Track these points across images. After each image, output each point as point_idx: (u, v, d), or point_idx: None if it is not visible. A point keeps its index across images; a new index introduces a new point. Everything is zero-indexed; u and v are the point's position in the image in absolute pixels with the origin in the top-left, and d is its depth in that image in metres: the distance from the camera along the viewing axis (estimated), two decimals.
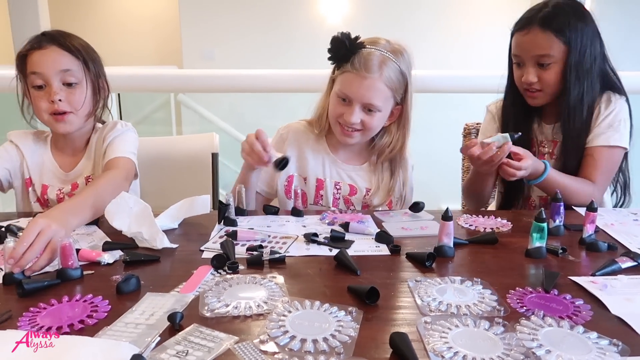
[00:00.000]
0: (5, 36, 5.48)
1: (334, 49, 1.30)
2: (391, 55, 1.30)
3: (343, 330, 0.70)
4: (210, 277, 0.88)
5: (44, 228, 0.89)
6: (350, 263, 0.91)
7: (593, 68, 1.31)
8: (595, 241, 1.02)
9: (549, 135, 1.42)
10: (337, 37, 1.29)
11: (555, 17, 1.27)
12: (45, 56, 1.26)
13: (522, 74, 1.34)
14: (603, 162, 1.32)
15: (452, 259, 0.98)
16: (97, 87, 1.35)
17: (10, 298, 0.81)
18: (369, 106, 1.29)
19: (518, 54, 1.34)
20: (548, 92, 1.34)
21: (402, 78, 1.32)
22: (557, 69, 1.30)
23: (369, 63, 1.26)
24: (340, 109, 1.32)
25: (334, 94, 1.33)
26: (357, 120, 1.30)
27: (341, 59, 1.29)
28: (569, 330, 0.70)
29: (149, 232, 1.01)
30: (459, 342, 0.67)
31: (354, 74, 1.27)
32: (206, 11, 5.13)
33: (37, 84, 1.26)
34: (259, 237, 1.06)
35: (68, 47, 1.28)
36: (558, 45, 1.28)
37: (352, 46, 1.28)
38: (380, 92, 1.28)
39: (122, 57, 6.04)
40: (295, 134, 1.44)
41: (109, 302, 0.78)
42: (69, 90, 1.28)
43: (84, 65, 1.30)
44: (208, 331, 0.70)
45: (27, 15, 4.99)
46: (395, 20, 5.04)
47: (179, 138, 2.01)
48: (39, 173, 1.37)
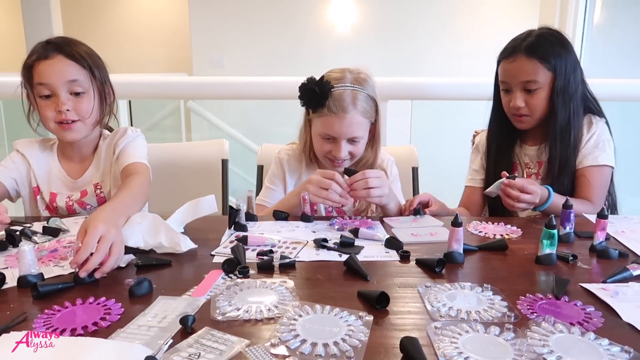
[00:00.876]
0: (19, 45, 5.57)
1: (306, 97, 1.34)
2: (358, 87, 1.35)
3: (353, 334, 0.70)
4: (221, 281, 0.89)
5: (104, 233, 0.91)
6: (360, 268, 0.92)
7: (577, 92, 1.38)
8: (606, 248, 1.02)
9: (534, 156, 1.48)
10: (305, 84, 1.34)
11: (540, 45, 1.34)
12: (52, 67, 1.26)
13: (510, 100, 1.40)
14: (596, 181, 1.38)
15: (462, 265, 0.98)
16: (104, 93, 1.35)
17: (26, 300, 0.82)
18: (353, 139, 1.36)
19: (506, 81, 1.40)
20: (535, 117, 1.40)
21: (372, 102, 1.38)
22: (544, 94, 1.36)
23: (343, 103, 1.31)
24: (326, 147, 1.38)
25: (317, 135, 1.38)
26: (345, 154, 1.37)
27: (316, 105, 1.34)
28: (580, 337, 0.70)
29: (168, 238, 1.01)
30: (469, 347, 0.68)
31: (332, 116, 1.32)
32: (216, 20, 5.19)
33: (44, 94, 1.27)
34: (269, 242, 1.07)
35: (74, 56, 1.28)
36: (543, 71, 1.34)
37: (323, 91, 1.32)
38: (360, 124, 1.35)
39: (134, 65, 6.12)
40: (291, 158, 1.51)
41: (121, 305, 0.79)
42: (76, 99, 1.29)
43: (90, 73, 1.30)
44: (220, 334, 0.70)
45: (40, 26, 5.08)
46: (404, 28, 5.07)
47: (189, 144, 2.03)
48: (46, 181, 1.38)
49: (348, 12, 5.15)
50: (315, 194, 1.21)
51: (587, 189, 1.37)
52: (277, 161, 1.51)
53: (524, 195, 1.21)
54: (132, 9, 6.56)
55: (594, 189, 1.37)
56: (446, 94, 2.17)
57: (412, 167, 1.74)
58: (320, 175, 1.23)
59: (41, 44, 1.29)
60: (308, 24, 5.19)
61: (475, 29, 4.99)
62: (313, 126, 1.40)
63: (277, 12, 5.13)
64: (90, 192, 1.37)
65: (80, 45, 1.33)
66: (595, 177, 1.38)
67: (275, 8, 5.11)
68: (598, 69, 3.52)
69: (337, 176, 1.22)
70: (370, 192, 1.20)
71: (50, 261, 0.97)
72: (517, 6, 4.90)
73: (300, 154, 1.50)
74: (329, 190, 1.20)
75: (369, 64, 1.44)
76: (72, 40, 1.33)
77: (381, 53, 5.00)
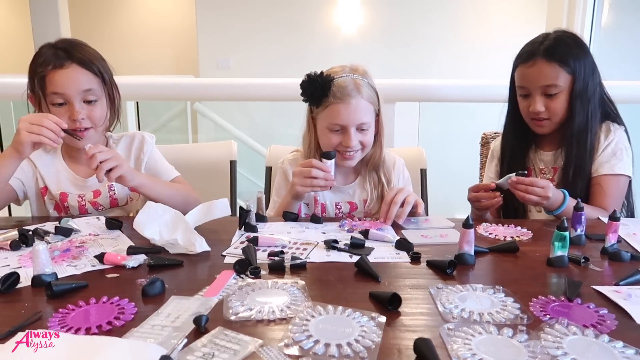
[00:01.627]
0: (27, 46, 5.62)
1: (309, 91, 1.34)
2: (359, 76, 1.36)
3: (366, 335, 0.71)
4: (233, 281, 0.89)
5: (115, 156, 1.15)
6: (371, 269, 0.92)
7: (595, 96, 1.36)
8: (618, 251, 1.01)
9: (549, 162, 1.46)
10: (307, 80, 1.34)
11: (559, 48, 1.33)
12: (67, 77, 1.26)
13: (528, 105, 1.38)
14: (611, 190, 1.36)
15: (473, 267, 0.98)
16: (112, 98, 1.36)
17: (40, 300, 0.83)
18: (361, 126, 1.35)
19: (524, 85, 1.38)
20: (555, 121, 1.38)
21: (375, 92, 1.38)
22: (563, 97, 1.35)
23: (347, 89, 1.32)
24: (336, 139, 1.36)
25: (324, 129, 1.37)
26: (356, 143, 1.35)
27: (319, 97, 1.34)
28: (594, 339, 0.70)
29: (184, 237, 1.02)
30: (482, 348, 0.68)
31: (338, 104, 1.32)
32: (222, 22, 5.21)
33: (58, 102, 1.27)
34: (279, 243, 1.07)
35: (89, 65, 1.28)
36: (563, 75, 1.33)
37: (325, 82, 1.32)
38: (366, 109, 1.35)
39: (140, 67, 6.15)
40: (294, 166, 1.47)
41: (135, 304, 0.80)
42: (89, 107, 1.29)
43: (102, 80, 1.31)
44: (233, 334, 0.71)
45: (49, 27, 5.12)
46: (410, 30, 5.06)
47: (197, 146, 2.04)
48: (54, 181, 1.37)
49: (354, 14, 5.16)
50: (302, 185, 1.26)
51: (602, 197, 1.35)
52: (282, 172, 1.50)
53: (533, 188, 1.21)
54: (139, 11, 6.59)
55: (609, 198, 1.34)
56: (454, 96, 2.17)
57: (421, 169, 1.74)
58: (299, 167, 1.28)
59: (51, 50, 1.28)
60: (314, 26, 5.20)
61: (483, 31, 4.98)
62: (318, 122, 1.39)
63: (283, 14, 5.14)
64: (104, 193, 1.38)
65: (89, 49, 1.33)
66: (610, 186, 1.35)
67: (282, 10, 5.13)
68: (605, 71, 3.50)
69: (314, 161, 1.27)
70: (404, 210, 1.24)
71: (63, 261, 0.98)
72: (524, 8, 4.89)
73: (303, 160, 1.49)
74: (312, 177, 1.25)
75: (375, 66, 1.44)
76: (80, 44, 1.33)
77: (388, 55, 5.00)
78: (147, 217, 1.05)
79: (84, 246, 1.06)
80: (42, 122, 1.13)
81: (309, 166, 1.26)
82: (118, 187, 1.40)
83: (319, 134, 1.40)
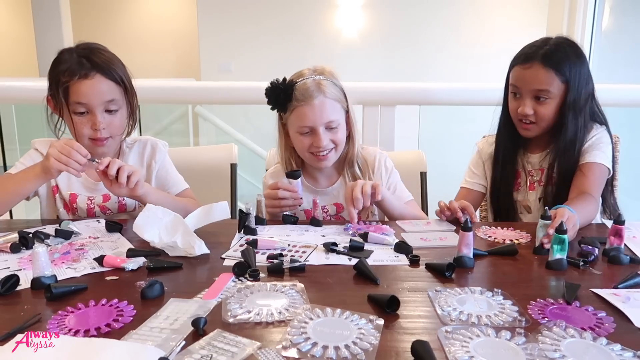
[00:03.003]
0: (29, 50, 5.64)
1: (273, 97, 1.36)
2: (320, 76, 1.36)
3: (364, 337, 0.71)
4: (232, 284, 0.89)
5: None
6: (370, 272, 0.92)
7: (586, 106, 1.38)
8: (617, 254, 1.01)
9: (536, 164, 1.47)
10: (270, 87, 1.35)
11: (557, 55, 1.33)
12: (91, 87, 1.26)
13: (518, 105, 1.39)
14: (592, 175, 1.36)
15: (472, 269, 0.98)
16: (132, 105, 1.37)
17: (39, 302, 0.83)
18: (330, 124, 1.35)
19: (517, 85, 1.39)
20: (541, 126, 1.39)
21: (339, 89, 1.39)
22: (553, 104, 1.36)
23: (309, 91, 1.33)
24: (307, 141, 1.37)
25: (295, 133, 1.38)
26: (327, 142, 1.36)
27: (283, 102, 1.35)
28: (592, 342, 0.70)
29: (184, 240, 1.02)
30: (480, 351, 0.68)
31: (302, 106, 1.33)
32: (224, 26, 5.22)
33: (80, 111, 1.28)
34: (279, 245, 1.08)
35: (112, 75, 1.29)
36: (557, 82, 1.33)
37: (287, 87, 1.33)
38: (332, 107, 1.35)
39: (142, 71, 6.13)
40: (277, 177, 1.49)
41: (133, 307, 0.80)
42: (110, 117, 1.30)
43: (124, 89, 1.32)
44: (231, 336, 0.71)
45: (51, 31, 5.15)
46: (411, 34, 5.08)
47: (198, 149, 2.04)
48: (66, 181, 1.38)
49: (355, 18, 5.17)
50: (272, 207, 1.30)
51: (584, 181, 1.34)
52: (265, 186, 1.49)
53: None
54: (141, 15, 6.63)
55: (591, 182, 1.34)
56: (454, 99, 2.18)
57: (421, 172, 1.74)
58: (269, 188, 1.32)
59: (74, 58, 1.27)
60: (315, 30, 5.21)
61: (483, 35, 4.99)
62: (289, 128, 1.39)
63: (284, 18, 5.16)
64: (113, 198, 1.39)
65: (108, 55, 1.32)
66: (591, 171, 1.35)
67: (283, 14, 5.14)
68: (606, 74, 3.51)
69: (280, 183, 1.30)
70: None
71: (62, 263, 0.98)
72: (525, 12, 4.90)
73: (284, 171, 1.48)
74: (280, 199, 1.28)
75: (375, 69, 1.45)
76: (100, 49, 1.32)
77: (388, 59, 5.01)
78: (146, 220, 1.05)
79: (83, 249, 1.06)
80: (71, 154, 1.15)
81: (275, 189, 1.30)
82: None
83: (292, 139, 1.41)
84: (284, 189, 1.29)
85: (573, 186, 1.37)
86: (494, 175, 1.51)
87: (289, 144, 1.43)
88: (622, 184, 1.69)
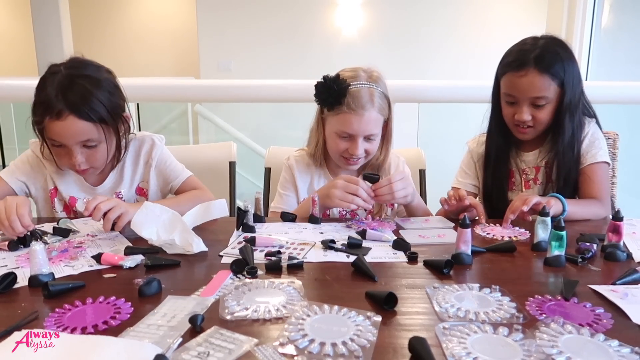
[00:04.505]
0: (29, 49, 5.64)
1: (323, 95, 1.34)
2: (374, 84, 1.36)
3: (362, 334, 0.71)
4: (230, 281, 0.89)
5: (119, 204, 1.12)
6: (368, 269, 0.92)
7: (580, 102, 1.38)
8: (614, 251, 1.01)
9: (531, 162, 1.47)
10: (322, 83, 1.33)
11: (550, 58, 1.31)
12: (64, 129, 1.19)
13: (514, 112, 1.38)
14: (599, 178, 1.38)
15: (470, 266, 0.98)
16: (118, 132, 1.30)
17: (37, 299, 0.83)
18: (369, 136, 1.37)
19: (512, 94, 1.37)
20: (539, 129, 1.39)
21: (386, 100, 1.39)
22: (550, 108, 1.35)
23: (361, 101, 1.32)
24: (343, 145, 1.37)
25: (332, 133, 1.38)
26: (362, 152, 1.37)
27: (333, 103, 1.34)
28: (589, 338, 0.70)
29: (182, 237, 1.02)
30: (477, 347, 0.68)
31: (351, 114, 1.32)
32: (223, 24, 5.22)
33: (57, 144, 1.23)
34: (277, 243, 1.07)
35: (88, 115, 1.20)
36: (554, 86, 1.32)
37: (340, 88, 1.32)
38: (377, 121, 1.36)
39: (142, 69, 6.16)
40: (300, 163, 1.50)
41: (131, 304, 0.80)
42: (89, 151, 1.25)
43: (103, 126, 1.24)
44: (229, 333, 0.71)
45: (50, 29, 5.14)
46: (411, 32, 5.07)
47: (197, 147, 2.04)
48: (64, 184, 1.37)
49: (355, 16, 5.17)
50: (342, 199, 1.23)
51: (592, 187, 1.36)
52: (287, 167, 1.51)
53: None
54: (140, 14, 6.61)
55: (599, 187, 1.36)
56: (453, 96, 2.17)
57: (420, 169, 1.74)
58: (345, 180, 1.24)
59: (53, 90, 1.18)
60: (315, 28, 5.21)
61: (483, 32, 4.99)
62: (328, 125, 1.40)
63: (284, 16, 5.15)
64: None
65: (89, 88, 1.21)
66: (597, 174, 1.37)
67: (282, 12, 5.14)
68: (605, 71, 3.50)
69: (362, 182, 1.24)
70: (395, 194, 1.23)
71: (60, 261, 0.98)
72: (524, 9, 4.89)
73: (309, 158, 1.50)
74: (355, 195, 1.22)
75: (376, 67, 1.44)
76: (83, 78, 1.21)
77: (388, 56, 5.01)
78: (144, 217, 1.05)
79: (81, 247, 1.06)
80: (10, 221, 1.05)
81: (355, 184, 1.23)
82: (126, 194, 1.40)
83: (327, 135, 1.41)
84: (364, 189, 1.23)
85: (582, 193, 1.39)
86: (486, 177, 1.50)
87: (323, 136, 1.43)
88: (622, 182, 1.69)
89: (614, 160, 1.61)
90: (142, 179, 1.43)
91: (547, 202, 1.19)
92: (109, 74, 1.30)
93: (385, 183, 1.23)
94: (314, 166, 1.49)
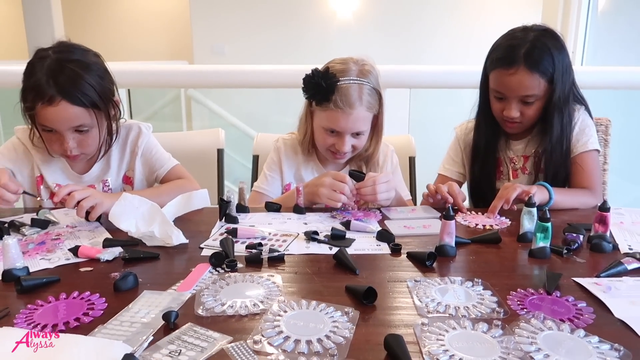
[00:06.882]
0: (18, 32, 5.54)
1: (311, 90, 1.31)
2: (364, 79, 1.32)
3: (338, 331, 0.69)
4: (208, 275, 0.88)
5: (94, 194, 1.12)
6: (349, 262, 0.90)
7: (570, 94, 1.35)
8: (599, 242, 0.99)
9: (519, 151, 1.45)
10: (310, 77, 1.30)
11: (540, 54, 1.28)
12: (56, 114, 1.17)
13: (502, 107, 1.36)
14: (590, 167, 1.37)
15: (454, 258, 0.96)
16: (109, 117, 1.29)
17: (10, 295, 0.81)
18: (357, 133, 1.35)
19: (502, 91, 1.34)
20: (527, 124, 1.38)
21: (376, 94, 1.35)
22: (539, 104, 1.33)
23: (350, 99, 1.29)
24: (330, 140, 1.36)
25: (320, 128, 1.36)
26: (349, 148, 1.36)
27: (321, 100, 1.31)
28: (569, 334, 0.69)
29: (161, 229, 1.00)
30: (455, 345, 0.66)
31: (337, 112, 1.30)
32: (216, 7, 5.14)
33: (48, 129, 1.22)
34: (259, 234, 1.06)
35: (80, 100, 1.18)
36: (544, 84, 1.30)
37: (328, 84, 1.28)
38: (365, 118, 1.34)
39: (134, 53, 6.08)
40: (288, 147, 1.49)
41: (105, 300, 0.78)
42: (81, 136, 1.24)
43: (95, 110, 1.22)
44: (202, 330, 0.69)
45: (40, 12, 5.05)
46: (407, 16, 5.00)
47: (185, 134, 2.01)
48: (50, 172, 1.35)
49: None
50: (329, 197, 1.21)
51: (583, 176, 1.35)
52: (276, 149, 1.49)
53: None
54: None
55: (589, 175, 1.36)
56: (444, 82, 2.14)
57: (410, 156, 1.72)
58: (332, 178, 1.23)
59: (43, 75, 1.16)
60: (310, 12, 5.13)
61: (480, 17, 4.92)
62: (316, 118, 1.37)
63: (278, 0, 5.07)
64: (98, 189, 1.36)
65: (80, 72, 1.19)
66: (588, 163, 1.37)
67: None
68: (602, 56, 3.46)
69: (348, 180, 1.22)
70: (377, 196, 1.21)
71: (37, 254, 0.96)
72: None
73: (298, 144, 1.47)
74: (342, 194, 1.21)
75: (371, 52, 1.40)
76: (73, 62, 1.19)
77: (383, 41, 4.94)
78: (123, 209, 1.03)
79: (59, 239, 1.04)
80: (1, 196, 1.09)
81: (342, 181, 1.22)
82: (113, 183, 1.39)
83: (315, 128, 1.39)
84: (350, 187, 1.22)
85: (573, 182, 1.38)
86: (474, 167, 1.48)
87: (311, 128, 1.41)
88: (615, 166, 1.67)
89: (606, 147, 1.60)
90: (129, 167, 1.41)
91: (530, 190, 1.18)
92: (97, 58, 1.28)
93: (369, 184, 1.21)
94: (303, 153, 1.47)
